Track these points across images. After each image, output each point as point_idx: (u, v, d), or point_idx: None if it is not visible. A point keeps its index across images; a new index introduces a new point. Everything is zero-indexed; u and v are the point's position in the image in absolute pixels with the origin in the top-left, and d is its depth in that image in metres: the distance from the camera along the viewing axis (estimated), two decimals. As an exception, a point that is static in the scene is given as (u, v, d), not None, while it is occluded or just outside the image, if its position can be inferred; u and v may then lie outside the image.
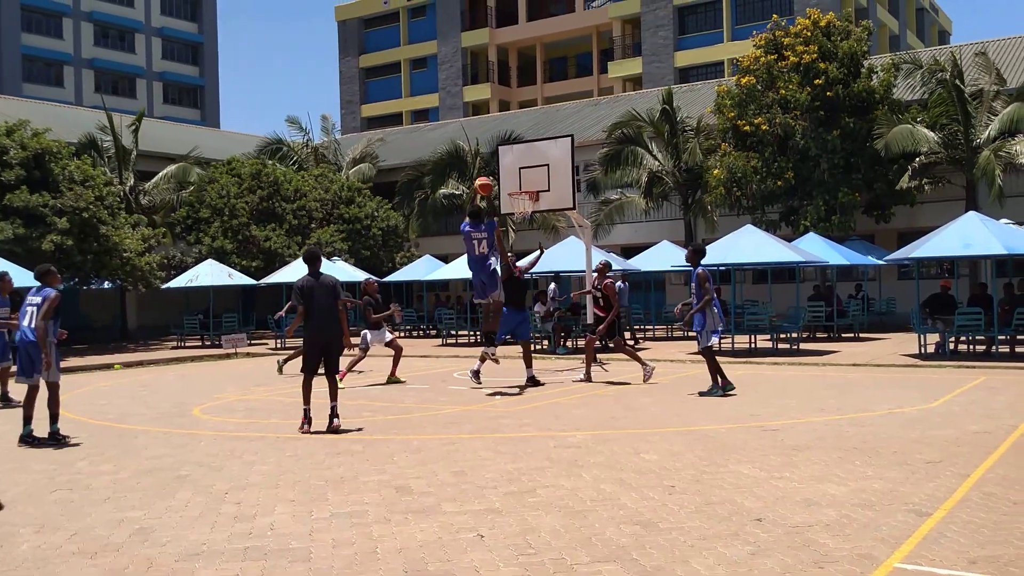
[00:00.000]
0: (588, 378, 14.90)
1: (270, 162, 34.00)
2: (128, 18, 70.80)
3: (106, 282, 26.54)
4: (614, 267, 23.85)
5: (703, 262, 13.07)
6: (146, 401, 13.82)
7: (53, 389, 9.81)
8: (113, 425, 11.06)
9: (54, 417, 9.75)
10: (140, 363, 21.63)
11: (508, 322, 14.44)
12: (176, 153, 32.60)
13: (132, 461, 8.57)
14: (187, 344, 27.38)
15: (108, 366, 20.58)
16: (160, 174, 30.89)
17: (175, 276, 27.85)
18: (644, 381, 14.41)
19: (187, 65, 75.38)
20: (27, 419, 9.76)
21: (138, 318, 31.80)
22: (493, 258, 13.71)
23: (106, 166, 29.20)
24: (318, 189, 32.42)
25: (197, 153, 33.11)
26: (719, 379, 12.64)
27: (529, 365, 14.72)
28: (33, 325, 9.75)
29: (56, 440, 9.63)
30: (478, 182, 15.17)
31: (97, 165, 27.15)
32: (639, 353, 16.42)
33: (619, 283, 24.64)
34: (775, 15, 30.46)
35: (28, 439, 9.69)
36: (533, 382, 14.37)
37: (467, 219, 13.95)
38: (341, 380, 12.81)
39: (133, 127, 30.52)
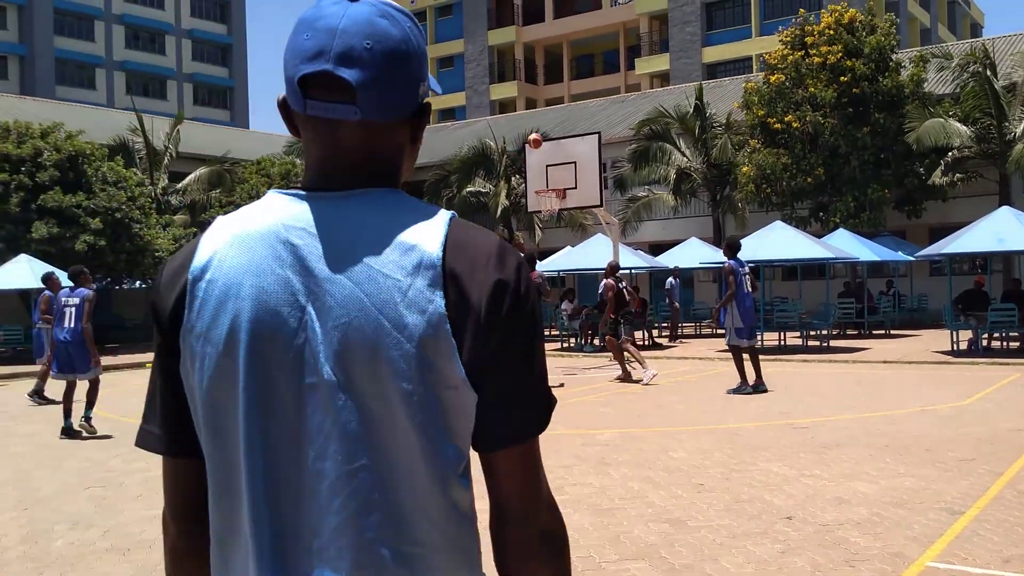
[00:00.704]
0: (626, 377, 14.62)
1: (299, 161, 34.20)
2: (159, 20, 71.55)
3: (138, 281, 26.85)
4: (642, 265, 23.81)
5: (739, 256, 12.89)
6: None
7: (94, 382, 10.35)
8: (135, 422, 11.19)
9: (90, 404, 10.24)
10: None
11: None
12: (207, 154, 32.87)
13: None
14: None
15: (140, 364, 20.80)
16: (191, 175, 31.20)
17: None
18: (618, 380, 14.60)
19: (216, 66, 76.05)
20: (67, 413, 10.22)
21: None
22: None
23: (138, 167, 29.53)
24: (347, 188, 32.61)
25: (228, 154, 33.39)
26: (747, 377, 12.49)
27: None
28: (72, 326, 10.12)
29: (86, 420, 10.14)
30: (531, 137, 16.51)
31: (129, 166, 27.47)
32: (642, 355, 16.40)
33: (670, 280, 24.68)
34: (802, 10, 30.22)
35: (69, 432, 10.16)
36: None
37: None
38: None
39: (174, 132, 30.85)
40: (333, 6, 1.20)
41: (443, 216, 1.21)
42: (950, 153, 25.33)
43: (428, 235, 1.17)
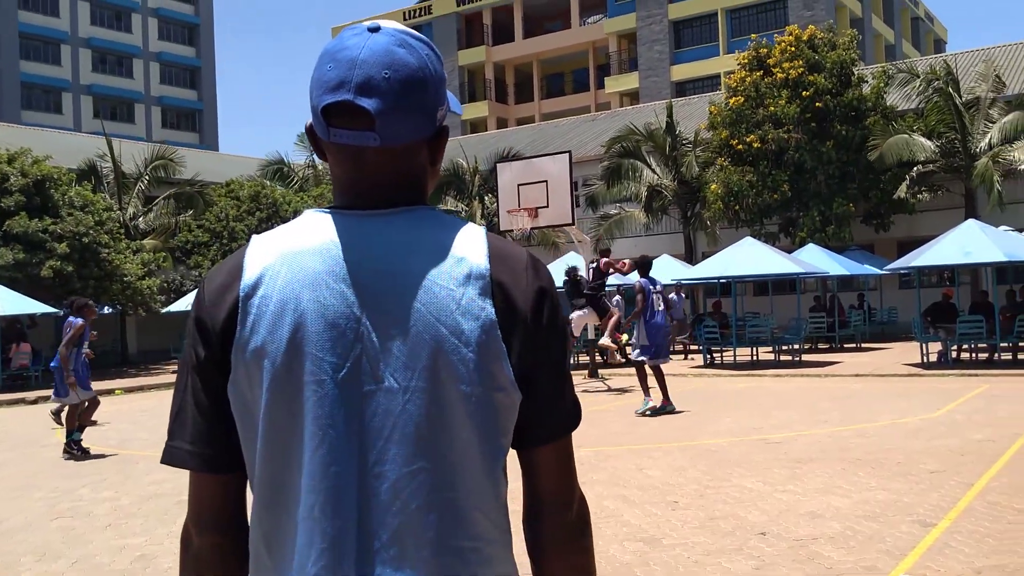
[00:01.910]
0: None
1: (269, 184, 34.06)
2: (126, 43, 71.18)
3: (106, 307, 26.55)
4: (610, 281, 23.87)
5: (651, 275, 12.87)
6: (147, 426, 13.78)
7: (93, 404, 10.75)
8: (114, 451, 11.03)
9: (82, 427, 10.64)
10: (141, 388, 21.59)
11: None
12: (176, 178, 32.63)
13: (133, 487, 8.54)
14: (189, 367, 27.33)
15: (109, 391, 20.54)
16: (160, 198, 30.96)
17: (175, 300, 27.89)
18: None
19: (185, 89, 75.70)
20: (69, 431, 10.60)
21: (138, 343, 31.79)
22: None
23: (106, 192, 29.27)
24: (318, 210, 32.46)
25: (197, 177, 33.18)
26: (650, 393, 12.27)
27: None
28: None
29: (75, 443, 10.52)
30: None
31: (97, 191, 27.22)
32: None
33: (672, 295, 24.85)
34: (753, 35, 30.62)
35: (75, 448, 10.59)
36: None
37: None
38: None
39: (153, 160, 30.69)
40: (355, 37, 1.28)
41: (480, 230, 1.31)
42: (915, 167, 25.67)
43: (472, 247, 1.27)
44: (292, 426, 1.22)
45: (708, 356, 21.10)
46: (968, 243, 17.12)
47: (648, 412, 12.18)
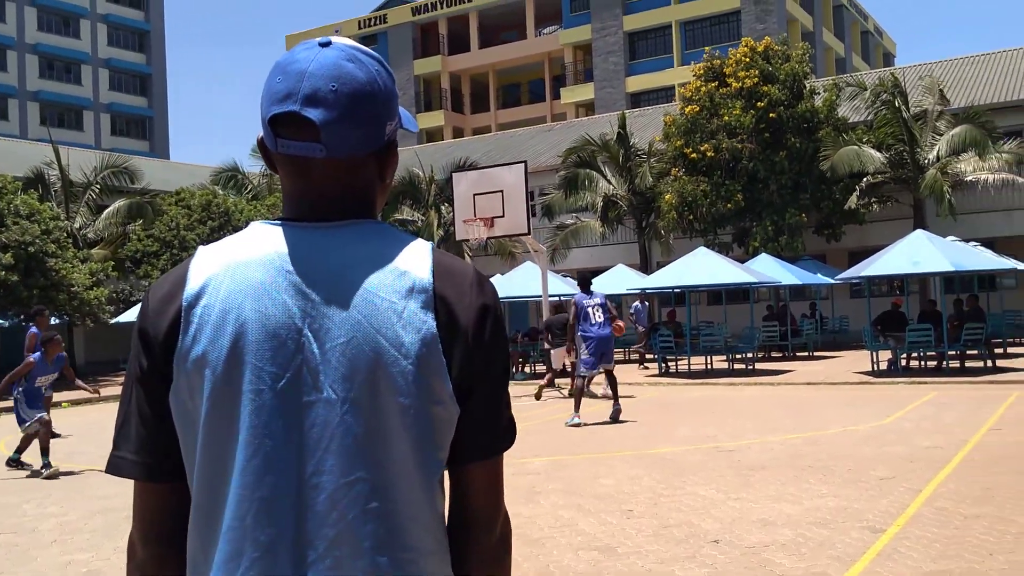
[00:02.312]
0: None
1: (221, 192, 33.66)
2: (74, 49, 70.02)
3: (53, 317, 26.02)
4: (566, 291, 23.96)
5: (592, 290, 13.15)
6: (95, 440, 13.52)
7: (46, 426, 10.33)
8: (61, 465, 10.79)
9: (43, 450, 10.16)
10: (88, 401, 21.17)
11: None
12: (126, 186, 32.11)
13: (80, 502, 8.36)
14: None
15: (56, 404, 20.11)
16: (110, 208, 30.45)
17: (124, 311, 27.42)
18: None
19: (135, 96, 74.63)
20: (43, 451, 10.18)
21: (87, 354, 31.20)
22: None
23: (53, 200, 28.73)
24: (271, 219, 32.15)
25: (147, 185, 32.69)
26: (579, 408, 12.58)
27: None
28: None
29: (13, 462, 10.36)
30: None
31: (44, 199, 26.71)
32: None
33: (636, 304, 25.16)
34: (707, 48, 31.03)
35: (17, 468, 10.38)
36: None
37: None
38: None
39: (103, 170, 30.15)
40: (305, 51, 1.30)
41: (427, 245, 1.32)
42: (865, 178, 26.12)
43: (417, 261, 1.27)
44: (230, 436, 1.22)
45: (663, 365, 21.24)
46: (916, 253, 17.44)
47: (574, 425, 12.27)
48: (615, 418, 12.46)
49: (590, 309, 12.69)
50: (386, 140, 1.34)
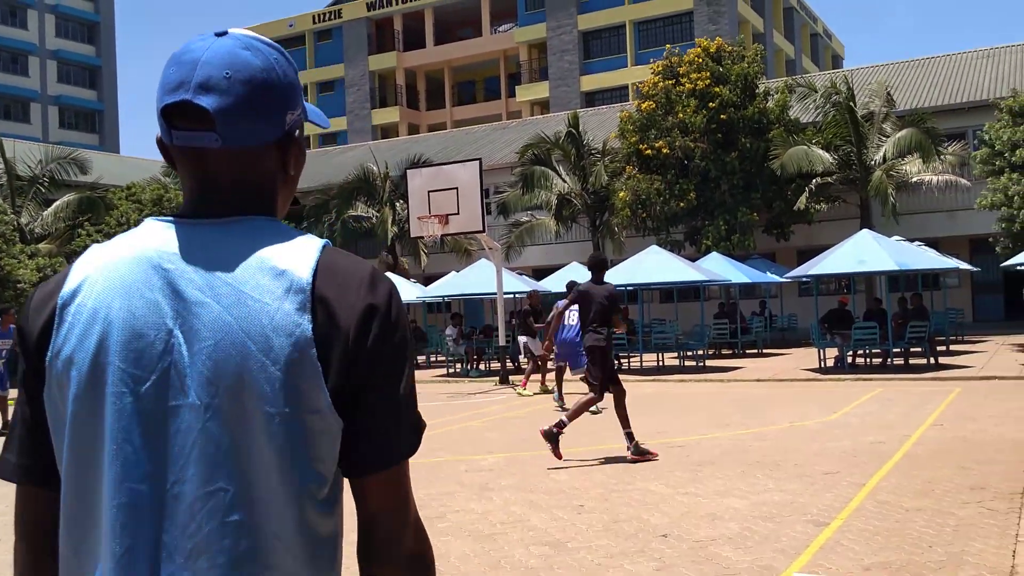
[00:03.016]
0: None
1: (172, 186, 33.22)
2: (21, 40, 68.52)
3: (-2, 314, 25.49)
4: (520, 288, 24.03)
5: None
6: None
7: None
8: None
9: None
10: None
11: None
12: (75, 180, 31.54)
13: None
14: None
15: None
16: (58, 202, 29.90)
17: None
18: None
19: (84, 89, 73.26)
20: None
21: (34, 350, 30.57)
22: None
23: (-2, 194, 28.15)
24: (223, 214, 31.81)
25: (97, 179, 32.15)
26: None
27: None
28: None
29: None
30: None
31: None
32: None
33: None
34: (668, 45, 31.33)
35: None
36: None
37: None
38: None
39: (49, 162, 29.56)
40: (199, 42, 1.24)
41: (316, 243, 1.24)
42: (814, 179, 26.57)
43: (300, 261, 1.20)
44: (95, 440, 1.18)
45: (615, 362, 21.38)
46: (863, 252, 17.78)
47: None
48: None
49: (567, 312, 12.67)
50: (287, 130, 1.28)
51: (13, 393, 10.28)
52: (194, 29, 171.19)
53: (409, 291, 25.95)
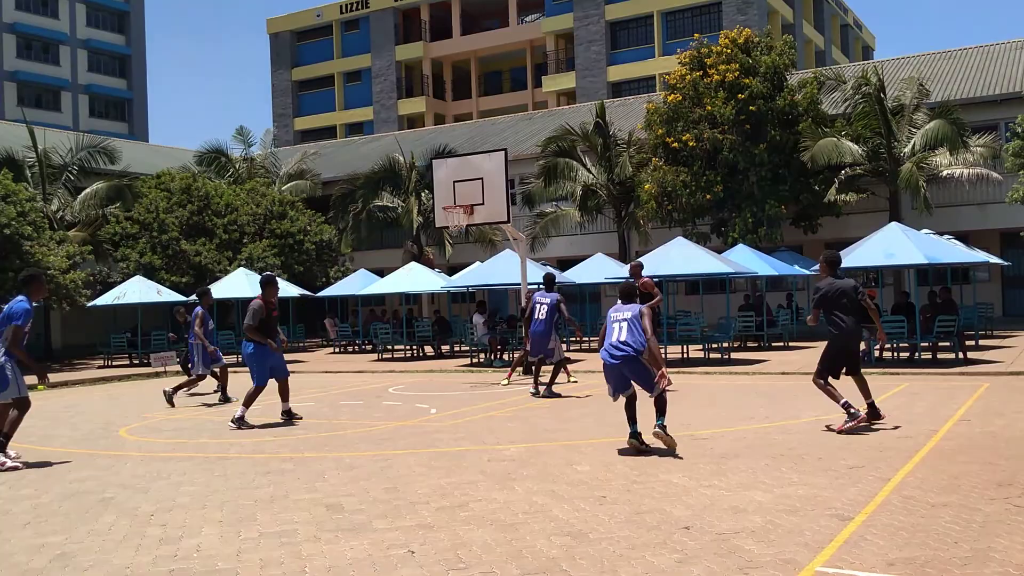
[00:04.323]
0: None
1: (201, 173, 33.49)
2: (52, 29, 69.21)
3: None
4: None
5: (549, 292, 15.11)
6: (71, 422, 13.48)
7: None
8: (36, 448, 10.76)
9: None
10: (65, 383, 21.07)
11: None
12: (105, 168, 31.84)
13: (54, 484, 8.35)
14: (114, 363, 26.76)
15: (31, 387, 19.98)
16: (88, 190, 30.20)
17: (102, 293, 27.23)
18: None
19: (114, 78, 73.91)
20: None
21: (63, 337, 30.99)
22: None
23: (30, 182, 28.47)
24: (250, 204, 32.01)
25: (126, 168, 32.46)
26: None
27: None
28: None
29: None
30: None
31: (19, 180, 26.45)
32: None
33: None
34: (696, 34, 31.08)
35: None
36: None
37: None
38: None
39: (76, 151, 29.89)
40: None
41: None
42: (843, 171, 26.32)
43: None
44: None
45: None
46: (891, 245, 17.61)
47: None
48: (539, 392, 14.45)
49: (537, 306, 14.72)
50: None
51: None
52: (224, 19, 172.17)
53: (434, 281, 26.03)
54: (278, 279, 14.23)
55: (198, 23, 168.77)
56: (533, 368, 15.18)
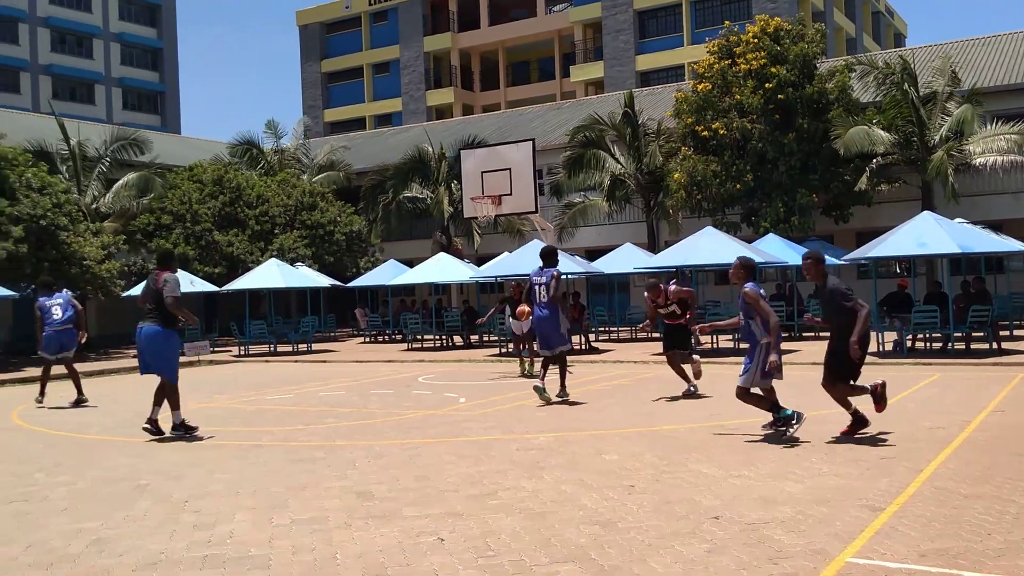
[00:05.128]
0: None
1: (233, 165, 33.77)
2: (86, 23, 69.94)
3: (66, 290, 26.19)
4: (574, 269, 23.93)
5: (545, 268, 12.31)
6: (106, 410, 13.67)
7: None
8: (71, 435, 10.93)
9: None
10: (100, 372, 21.37)
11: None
12: (138, 160, 32.16)
13: (90, 471, 8.48)
14: (148, 352, 27.07)
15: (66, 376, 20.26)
16: (120, 181, 30.54)
17: (136, 283, 27.55)
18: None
19: (147, 71, 74.60)
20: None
21: (98, 327, 31.38)
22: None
23: (64, 174, 28.84)
24: (281, 195, 32.24)
25: (158, 160, 32.78)
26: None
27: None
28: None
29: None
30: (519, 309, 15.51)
31: (54, 172, 26.80)
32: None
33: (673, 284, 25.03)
34: (727, 22, 30.82)
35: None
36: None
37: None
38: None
39: (110, 142, 30.23)
40: None
41: None
42: (874, 160, 26.03)
43: None
44: None
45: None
46: (923, 235, 17.42)
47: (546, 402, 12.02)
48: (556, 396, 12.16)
49: (536, 287, 12.16)
50: None
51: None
52: (254, 11, 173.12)
53: (462, 271, 26.08)
54: (310, 270, 14.22)
55: (228, 16, 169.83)
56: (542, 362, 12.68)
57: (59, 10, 68.24)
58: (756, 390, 9.03)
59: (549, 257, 12.35)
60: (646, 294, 12.84)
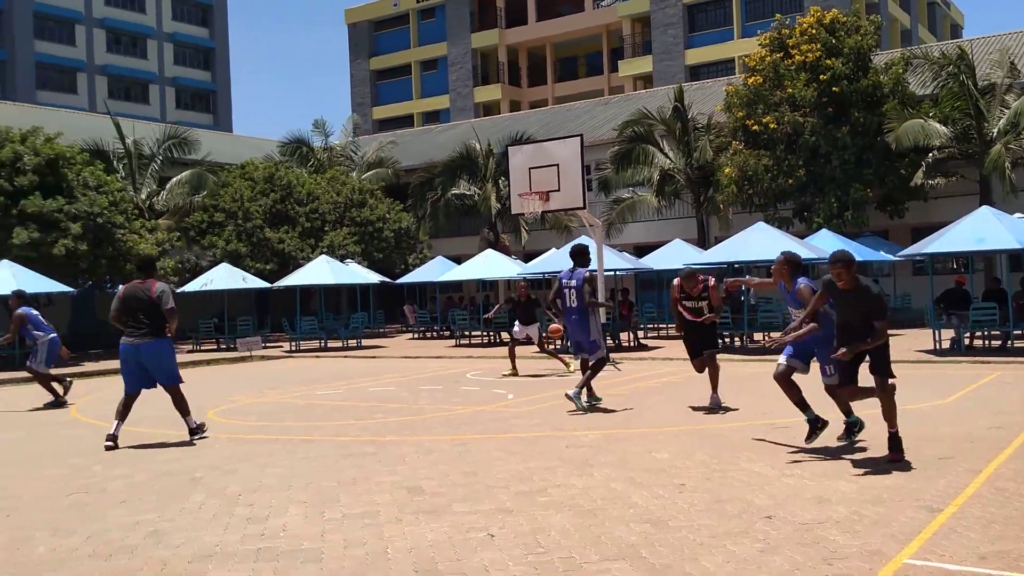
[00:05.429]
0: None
1: (283, 162, 34.20)
2: (140, 24, 71.22)
3: (120, 286, 26.74)
4: (623, 266, 23.77)
5: (576, 268, 11.56)
6: (159, 405, 13.88)
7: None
8: (128, 429, 11.12)
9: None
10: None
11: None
12: (191, 158, 32.69)
13: (146, 464, 8.64)
14: (202, 348, 27.53)
15: (117, 371, 20.64)
16: (174, 179, 31.08)
17: (189, 280, 28.02)
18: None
19: (199, 70, 75.77)
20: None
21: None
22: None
23: (120, 172, 29.42)
24: (330, 192, 32.56)
25: (211, 158, 33.30)
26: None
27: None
28: None
29: None
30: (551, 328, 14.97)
31: (110, 172, 27.36)
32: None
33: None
34: (778, 15, 30.42)
35: None
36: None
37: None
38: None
39: (163, 141, 30.82)
40: None
41: None
42: (931, 154, 25.52)
43: None
44: None
45: (720, 341, 21.06)
46: (982, 230, 17.05)
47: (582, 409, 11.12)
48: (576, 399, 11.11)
49: (566, 291, 11.35)
50: None
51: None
52: (303, 10, 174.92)
53: (510, 268, 26.09)
54: (360, 266, 14.22)
55: (278, 15, 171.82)
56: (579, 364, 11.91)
57: (114, 11, 69.57)
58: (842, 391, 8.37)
59: (580, 256, 11.63)
60: (676, 282, 11.38)
